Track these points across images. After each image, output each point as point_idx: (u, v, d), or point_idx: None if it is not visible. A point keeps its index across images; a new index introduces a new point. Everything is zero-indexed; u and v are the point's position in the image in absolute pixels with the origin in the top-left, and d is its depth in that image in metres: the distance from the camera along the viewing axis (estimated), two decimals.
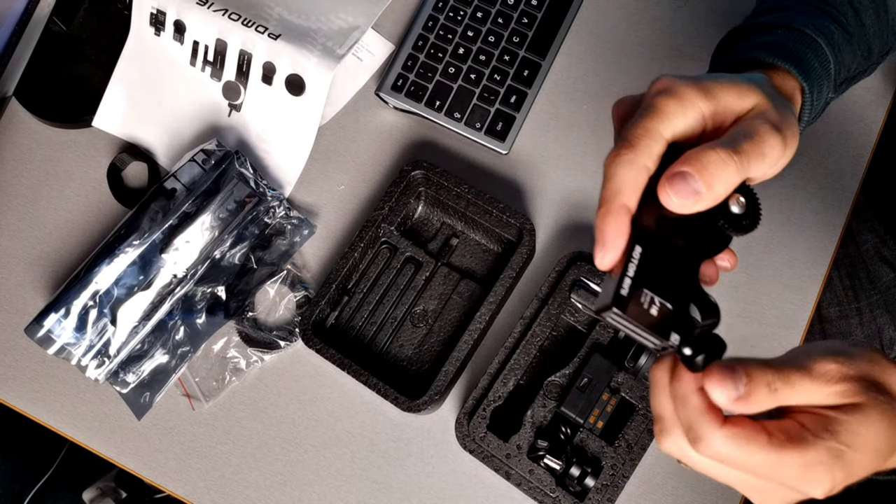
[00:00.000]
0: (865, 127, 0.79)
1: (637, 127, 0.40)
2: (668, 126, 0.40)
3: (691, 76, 0.41)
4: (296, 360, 0.77)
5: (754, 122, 0.40)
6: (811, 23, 0.54)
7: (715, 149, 0.38)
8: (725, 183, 0.38)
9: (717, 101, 0.41)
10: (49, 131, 0.83)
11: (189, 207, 0.74)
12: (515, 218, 0.73)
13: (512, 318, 0.76)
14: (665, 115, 0.40)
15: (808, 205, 0.78)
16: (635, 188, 0.40)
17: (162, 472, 0.75)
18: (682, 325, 0.38)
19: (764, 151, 0.39)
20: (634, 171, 0.39)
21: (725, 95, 0.41)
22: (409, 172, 0.75)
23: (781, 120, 0.41)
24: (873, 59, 0.61)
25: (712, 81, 0.41)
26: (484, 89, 0.79)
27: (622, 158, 0.39)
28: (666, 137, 0.40)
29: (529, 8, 0.80)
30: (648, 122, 0.40)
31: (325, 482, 0.74)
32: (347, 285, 0.76)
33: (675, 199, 0.38)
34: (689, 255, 0.40)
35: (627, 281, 0.37)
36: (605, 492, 0.66)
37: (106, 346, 0.73)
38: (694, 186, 0.38)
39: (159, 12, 0.78)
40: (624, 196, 0.39)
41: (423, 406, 0.69)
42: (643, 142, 0.40)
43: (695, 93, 0.40)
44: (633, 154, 0.39)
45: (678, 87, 0.40)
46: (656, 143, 0.40)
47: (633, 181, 0.39)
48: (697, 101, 0.40)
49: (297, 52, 0.76)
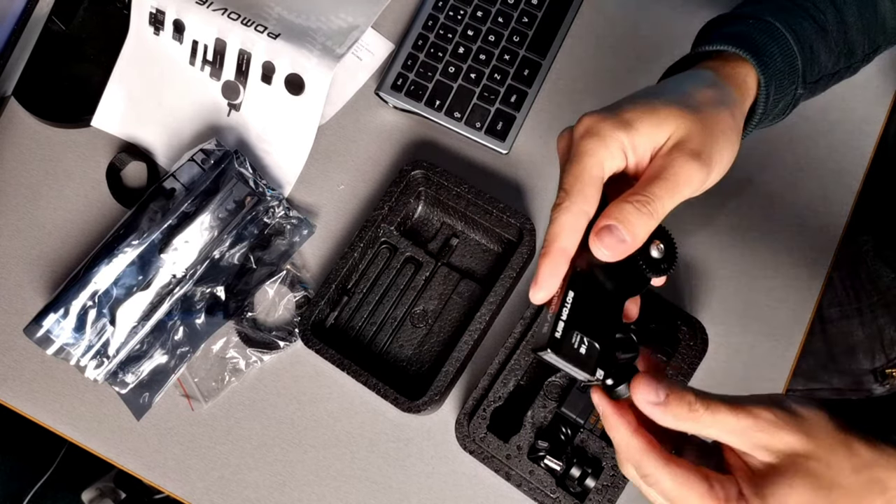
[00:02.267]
0: (866, 127, 0.79)
1: (569, 175, 0.44)
2: (596, 168, 0.43)
3: (611, 110, 0.44)
4: (295, 360, 0.77)
5: (669, 157, 0.43)
6: (782, 17, 0.54)
7: (630, 200, 0.42)
8: (646, 228, 0.42)
9: (636, 132, 0.44)
10: (48, 131, 0.83)
11: (188, 207, 0.74)
12: (515, 218, 0.73)
13: (512, 319, 0.75)
14: (592, 159, 0.43)
15: (809, 205, 0.77)
16: (573, 232, 0.43)
17: (161, 472, 0.75)
18: (605, 361, 0.44)
19: (679, 187, 0.43)
20: (573, 217, 0.43)
21: (643, 126, 0.44)
22: (409, 172, 0.75)
23: (704, 142, 0.44)
24: (857, 58, 0.60)
25: (631, 111, 0.44)
26: (484, 89, 0.79)
27: (561, 206, 0.43)
28: (598, 177, 0.43)
29: (530, 7, 0.80)
30: (578, 169, 0.43)
31: (324, 482, 0.74)
32: (347, 285, 0.76)
33: (605, 250, 0.42)
34: (616, 296, 0.45)
35: (561, 324, 0.42)
36: (605, 492, 0.66)
37: (105, 346, 0.73)
38: (619, 236, 0.42)
39: (158, 12, 0.78)
40: (561, 240, 0.43)
41: (423, 406, 0.69)
42: (576, 188, 0.43)
43: (615, 128, 0.43)
44: (570, 202, 0.43)
45: (599, 126, 0.44)
46: (589, 186, 0.43)
47: (571, 226, 0.43)
48: (619, 136, 0.43)
49: (296, 51, 0.76)
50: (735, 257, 0.76)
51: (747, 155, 0.79)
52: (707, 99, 0.46)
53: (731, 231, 0.77)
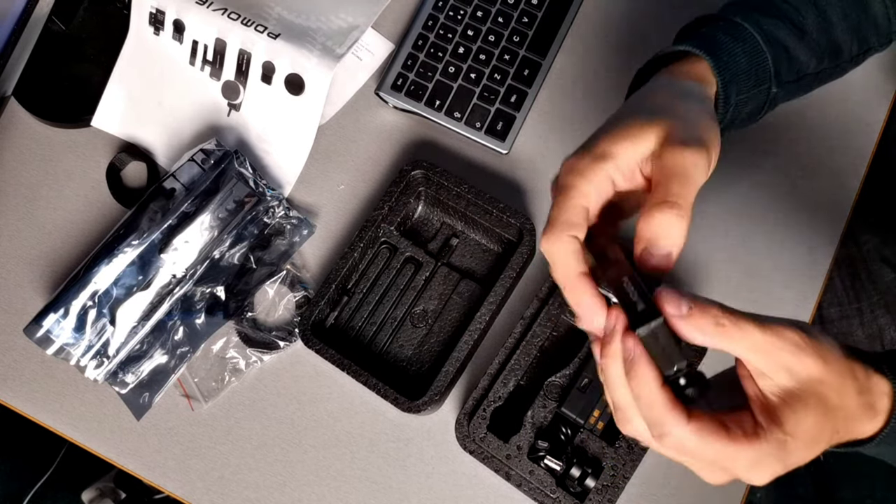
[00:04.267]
0: (866, 127, 0.79)
1: (553, 209, 0.45)
2: (578, 198, 0.45)
3: (586, 147, 0.46)
4: (295, 360, 0.77)
5: (664, 157, 0.44)
6: (753, 18, 0.55)
7: (654, 213, 0.42)
8: (679, 228, 0.42)
9: (615, 159, 0.45)
10: (48, 131, 0.83)
11: (188, 207, 0.74)
12: (515, 218, 0.73)
13: (512, 318, 0.75)
14: (573, 190, 0.45)
15: (809, 204, 0.77)
16: (571, 255, 0.44)
17: (161, 472, 0.75)
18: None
19: (689, 175, 0.43)
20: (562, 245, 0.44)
21: (619, 150, 0.45)
22: (409, 172, 0.75)
23: (688, 129, 0.45)
24: (844, 58, 0.61)
25: (605, 142, 0.45)
26: (484, 89, 0.79)
27: (549, 238, 0.44)
28: (580, 205, 0.45)
29: (530, 7, 0.80)
30: (560, 200, 0.45)
31: (324, 482, 0.74)
32: (347, 285, 0.76)
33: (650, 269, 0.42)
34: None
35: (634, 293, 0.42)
36: (605, 492, 0.66)
37: (105, 346, 0.73)
38: (663, 252, 0.42)
39: (158, 12, 0.78)
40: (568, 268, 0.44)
41: (423, 406, 0.69)
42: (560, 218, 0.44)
43: (593, 162, 0.45)
44: (554, 231, 0.44)
45: (578, 164, 0.45)
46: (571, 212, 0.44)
47: (565, 252, 0.44)
48: (599, 168, 0.45)
49: (296, 51, 0.76)
50: (734, 257, 0.76)
51: (747, 155, 0.79)
52: (667, 99, 0.48)
53: (730, 231, 0.77)
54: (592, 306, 0.43)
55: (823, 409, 0.41)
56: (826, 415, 0.41)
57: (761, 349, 0.40)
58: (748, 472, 0.41)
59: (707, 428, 0.40)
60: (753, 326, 0.40)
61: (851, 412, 0.43)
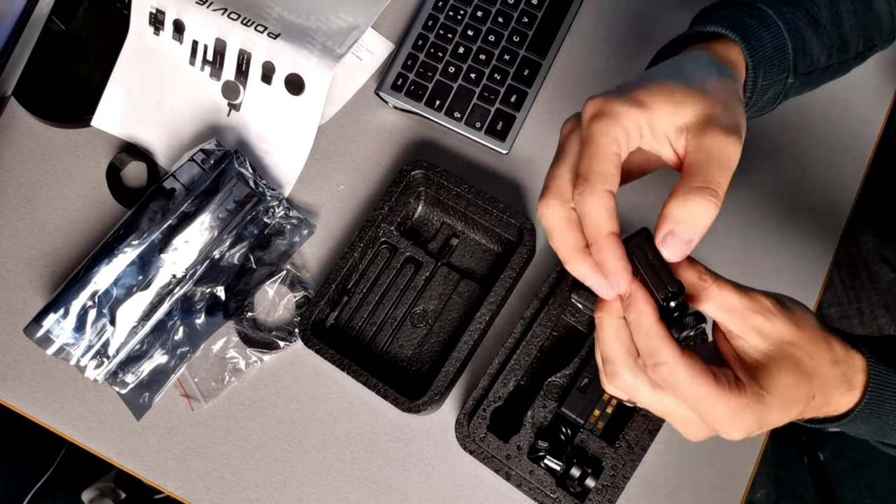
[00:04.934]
0: (866, 127, 0.79)
1: (584, 159, 0.42)
2: (613, 145, 0.42)
3: (620, 91, 0.43)
4: (295, 360, 0.77)
5: (706, 138, 0.42)
6: (775, 5, 0.55)
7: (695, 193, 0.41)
8: (712, 216, 0.41)
9: (652, 111, 0.43)
10: (48, 131, 0.83)
11: (188, 207, 0.74)
12: (515, 218, 0.73)
13: (512, 319, 0.75)
14: (606, 137, 0.42)
15: (809, 204, 0.77)
16: (608, 213, 0.42)
17: (161, 472, 0.75)
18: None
19: (730, 166, 0.42)
20: (600, 200, 0.42)
21: (659, 106, 0.43)
22: (409, 172, 0.75)
23: (730, 116, 0.43)
24: (850, 54, 0.61)
25: (644, 92, 0.43)
26: (484, 89, 0.79)
27: (583, 193, 0.42)
28: (616, 154, 0.42)
29: (530, 7, 0.80)
30: (592, 150, 0.42)
31: (324, 482, 0.74)
32: (347, 285, 0.76)
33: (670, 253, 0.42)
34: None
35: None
36: (605, 492, 0.66)
37: (105, 346, 0.73)
38: (686, 238, 0.41)
39: (158, 12, 0.78)
40: (604, 226, 0.42)
41: (423, 406, 0.69)
42: (595, 170, 0.42)
43: (628, 107, 0.43)
44: (590, 186, 0.41)
45: (610, 106, 0.43)
46: (608, 164, 0.42)
47: (603, 209, 0.42)
48: (634, 114, 0.43)
49: (296, 51, 0.76)
50: (734, 257, 0.76)
51: (747, 155, 0.79)
52: (712, 75, 0.46)
53: (730, 231, 0.77)
54: (620, 268, 0.42)
55: (798, 370, 0.43)
56: (800, 376, 0.43)
57: (735, 310, 0.43)
58: (725, 423, 0.42)
59: (698, 367, 0.42)
60: (731, 288, 0.43)
61: (828, 379, 0.45)
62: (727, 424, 0.42)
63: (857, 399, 0.47)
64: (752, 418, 0.42)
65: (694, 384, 0.42)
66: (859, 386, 0.47)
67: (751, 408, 0.42)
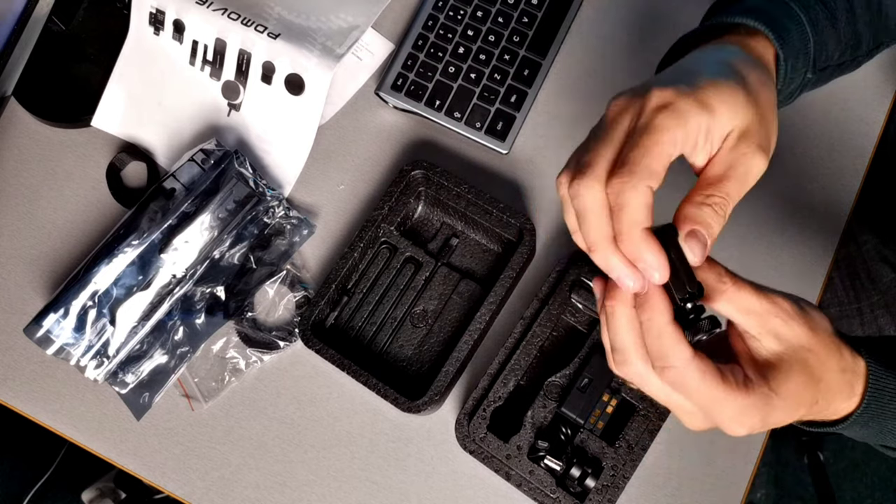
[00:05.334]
0: (866, 127, 0.79)
1: (639, 147, 0.40)
2: (671, 147, 0.40)
3: (689, 85, 0.41)
4: (295, 360, 0.77)
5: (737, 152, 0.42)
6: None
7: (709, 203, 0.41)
8: (720, 228, 0.42)
9: (715, 117, 0.41)
10: (48, 131, 0.83)
11: (188, 207, 0.74)
12: (515, 218, 0.73)
13: (512, 319, 0.75)
14: (668, 135, 0.40)
15: (809, 204, 0.77)
16: (647, 209, 0.40)
17: (161, 472, 0.75)
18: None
19: (748, 184, 0.42)
20: (642, 196, 0.40)
21: (724, 110, 0.41)
22: (409, 172, 0.75)
23: (765, 133, 0.43)
24: (861, 51, 0.60)
25: (712, 92, 0.41)
26: (484, 89, 0.79)
27: (628, 184, 0.40)
28: (670, 156, 0.41)
29: (530, 7, 0.80)
30: (650, 142, 0.40)
31: (324, 482, 0.74)
32: (347, 285, 0.76)
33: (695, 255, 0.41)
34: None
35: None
36: (605, 492, 0.66)
37: (105, 346, 0.73)
38: (703, 240, 0.41)
39: (158, 11, 0.78)
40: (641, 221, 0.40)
41: (423, 406, 0.69)
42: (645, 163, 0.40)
43: (697, 109, 0.41)
44: (636, 179, 0.40)
45: (679, 103, 0.41)
46: (659, 163, 0.40)
47: (643, 205, 0.40)
48: (701, 119, 0.41)
49: (296, 51, 0.76)
50: (734, 257, 0.76)
51: None
52: (757, 80, 0.44)
53: (730, 231, 0.77)
54: (659, 263, 0.40)
55: (808, 375, 0.43)
56: (809, 381, 0.44)
57: (754, 312, 0.43)
58: (731, 421, 0.43)
59: (708, 368, 0.42)
60: (751, 290, 0.43)
61: (833, 386, 0.45)
62: (732, 422, 0.43)
63: (855, 405, 0.47)
64: (757, 418, 0.42)
65: (704, 386, 0.42)
66: (859, 393, 0.47)
67: (757, 408, 0.42)
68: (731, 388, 0.42)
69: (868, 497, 1.43)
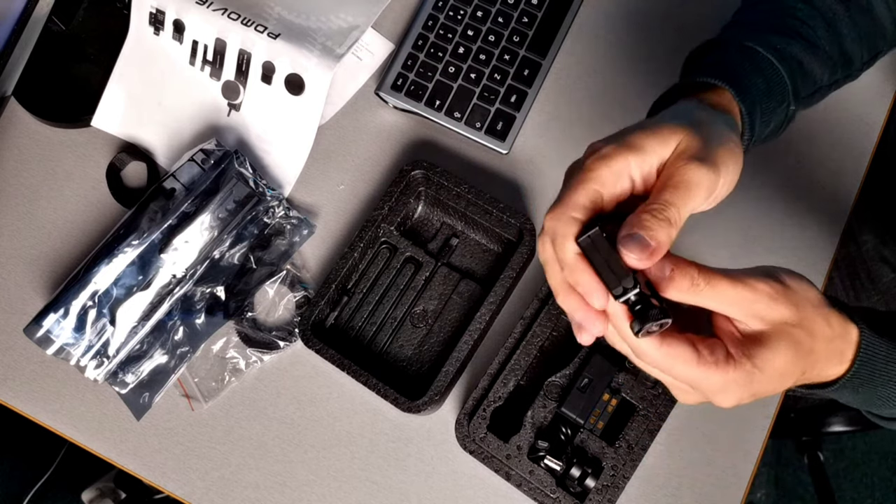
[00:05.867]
0: (866, 127, 0.79)
1: (565, 188, 0.45)
2: (594, 182, 0.45)
3: (616, 136, 0.46)
4: (295, 360, 0.77)
5: (675, 165, 0.44)
6: (764, 39, 0.55)
7: (647, 210, 0.43)
8: (666, 233, 0.43)
9: (643, 153, 0.45)
10: (48, 131, 0.83)
11: (188, 207, 0.74)
12: (515, 218, 0.73)
13: (512, 319, 0.75)
14: (591, 174, 0.45)
15: (809, 204, 0.77)
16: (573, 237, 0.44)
17: (161, 472, 0.75)
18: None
19: (690, 191, 0.44)
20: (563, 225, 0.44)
21: (649, 145, 0.45)
22: (409, 172, 0.75)
23: (708, 150, 0.45)
24: (855, 66, 0.61)
25: (636, 136, 0.45)
26: (484, 89, 0.79)
27: (552, 214, 0.44)
28: (593, 190, 0.45)
29: (530, 7, 0.80)
30: (575, 182, 0.45)
31: (324, 482, 0.74)
32: (347, 285, 0.76)
33: (633, 256, 0.43)
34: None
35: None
36: (605, 492, 0.66)
37: (105, 346, 0.73)
38: (642, 243, 0.42)
39: (158, 11, 0.78)
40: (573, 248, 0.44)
41: (423, 406, 0.69)
42: (567, 196, 0.45)
43: (620, 150, 0.45)
44: (560, 209, 0.44)
45: (604, 149, 0.45)
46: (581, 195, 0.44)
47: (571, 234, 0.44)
48: (625, 157, 0.45)
49: (296, 51, 0.76)
50: (734, 257, 0.76)
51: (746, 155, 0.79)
52: (705, 118, 0.48)
53: (730, 231, 0.77)
54: (591, 284, 0.44)
55: (794, 350, 0.44)
56: (796, 355, 0.45)
57: (735, 303, 0.44)
58: (715, 395, 0.45)
59: (680, 352, 0.44)
60: (726, 284, 0.43)
61: (821, 356, 0.46)
62: (716, 396, 0.45)
63: (845, 370, 0.48)
64: (740, 391, 0.44)
65: (675, 366, 0.44)
66: (850, 358, 0.48)
67: (739, 383, 0.44)
68: (707, 366, 0.43)
69: (868, 497, 1.43)
